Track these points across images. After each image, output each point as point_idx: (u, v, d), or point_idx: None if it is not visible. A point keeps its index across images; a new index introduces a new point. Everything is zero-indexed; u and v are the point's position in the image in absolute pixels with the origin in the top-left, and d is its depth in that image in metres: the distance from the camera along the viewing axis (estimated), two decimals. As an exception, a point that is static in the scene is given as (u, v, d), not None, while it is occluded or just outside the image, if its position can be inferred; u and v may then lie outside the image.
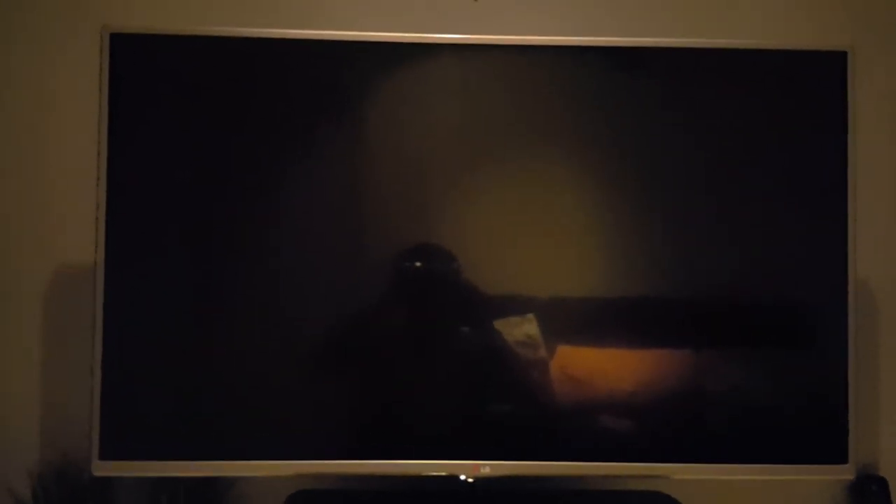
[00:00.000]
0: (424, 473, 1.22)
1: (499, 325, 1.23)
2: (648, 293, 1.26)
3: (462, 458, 1.22)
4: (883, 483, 1.44)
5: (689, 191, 1.27)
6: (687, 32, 1.46)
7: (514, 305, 1.24)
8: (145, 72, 1.22)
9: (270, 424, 1.22)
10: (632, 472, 1.25)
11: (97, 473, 1.19)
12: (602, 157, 1.27)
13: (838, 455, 1.24)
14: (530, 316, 1.23)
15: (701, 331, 1.26)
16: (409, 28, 1.31)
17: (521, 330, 1.23)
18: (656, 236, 1.26)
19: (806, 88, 1.27)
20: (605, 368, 1.25)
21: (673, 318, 1.26)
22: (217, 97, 1.24)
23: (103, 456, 1.18)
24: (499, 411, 1.24)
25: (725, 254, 1.27)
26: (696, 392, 1.26)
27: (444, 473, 1.22)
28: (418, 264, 1.23)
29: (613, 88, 1.27)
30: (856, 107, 1.25)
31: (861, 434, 1.27)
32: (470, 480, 1.23)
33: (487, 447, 1.22)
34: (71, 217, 1.41)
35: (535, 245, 1.26)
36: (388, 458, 1.21)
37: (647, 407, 1.24)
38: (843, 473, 1.25)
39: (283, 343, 1.23)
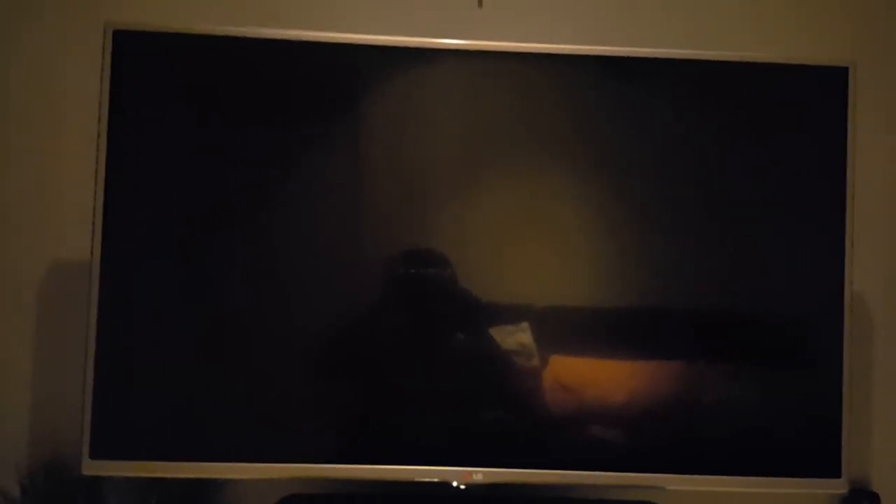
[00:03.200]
0: (416, 479, 1.22)
1: (493, 332, 1.23)
2: (643, 304, 1.26)
3: (454, 464, 1.21)
4: (875, 498, 1.44)
5: (686, 202, 1.27)
6: (689, 44, 1.46)
7: (509, 314, 1.24)
8: (147, 69, 1.22)
9: (262, 427, 1.22)
10: (624, 481, 1.24)
11: (87, 472, 1.19)
12: (600, 168, 1.27)
13: (832, 469, 1.24)
14: (524, 325, 1.23)
15: (696, 342, 1.26)
16: (413, 32, 1.31)
17: (514, 338, 1.23)
18: (653, 248, 1.26)
19: (806, 103, 1.27)
20: (599, 378, 1.25)
21: (667, 329, 1.26)
22: (218, 96, 1.23)
23: (93, 455, 1.18)
24: (492, 419, 1.24)
25: (721, 265, 1.27)
26: (691, 403, 1.25)
27: (436, 479, 1.22)
28: (413, 270, 1.23)
29: (614, 98, 1.27)
30: (855, 122, 1.25)
31: (854, 448, 1.27)
32: (462, 487, 1.23)
33: (480, 454, 1.22)
34: (67, 213, 1.41)
35: (530, 253, 1.26)
36: (380, 463, 1.21)
37: (640, 417, 1.24)
38: (836, 487, 1.25)
39: (278, 345, 1.22)
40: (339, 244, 1.24)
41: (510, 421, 1.24)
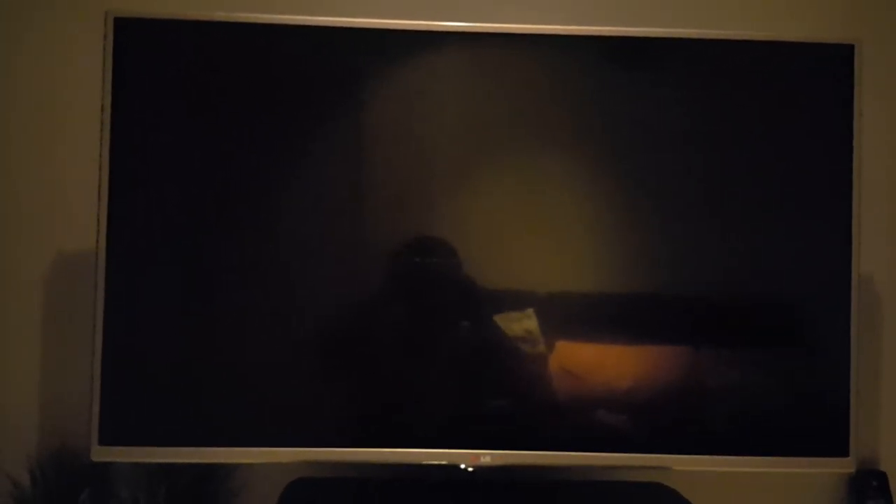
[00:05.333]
0: (424, 462, 1.22)
1: (498, 319, 1.23)
2: (649, 289, 1.26)
3: (462, 447, 1.22)
4: (883, 477, 1.44)
5: (690, 185, 1.26)
6: (690, 23, 1.45)
7: (514, 300, 1.23)
8: (150, 57, 1.21)
9: (271, 411, 1.22)
10: (631, 462, 1.24)
11: (96, 459, 1.19)
12: (604, 153, 1.26)
13: (839, 448, 1.24)
14: (530, 311, 1.23)
15: (702, 324, 1.26)
16: (417, 15, 1.31)
17: (520, 325, 1.23)
18: (657, 231, 1.26)
19: (811, 82, 1.26)
20: (605, 364, 1.25)
21: (674, 313, 1.26)
22: (221, 83, 1.23)
23: (103, 441, 1.19)
24: (498, 403, 1.24)
25: (727, 247, 1.26)
26: (698, 385, 1.25)
27: (443, 462, 1.22)
28: (420, 259, 1.23)
29: (617, 82, 1.26)
30: (861, 101, 1.24)
31: (862, 428, 1.27)
32: (470, 469, 1.23)
33: (487, 437, 1.22)
34: (72, 203, 1.41)
35: (535, 240, 1.25)
36: (388, 447, 1.21)
37: (647, 400, 1.24)
38: (844, 467, 1.25)
39: (284, 331, 1.23)
40: (344, 232, 1.24)
41: (517, 405, 1.25)
